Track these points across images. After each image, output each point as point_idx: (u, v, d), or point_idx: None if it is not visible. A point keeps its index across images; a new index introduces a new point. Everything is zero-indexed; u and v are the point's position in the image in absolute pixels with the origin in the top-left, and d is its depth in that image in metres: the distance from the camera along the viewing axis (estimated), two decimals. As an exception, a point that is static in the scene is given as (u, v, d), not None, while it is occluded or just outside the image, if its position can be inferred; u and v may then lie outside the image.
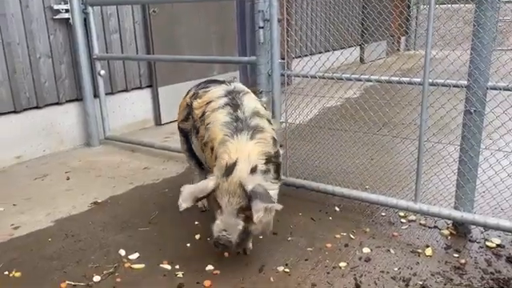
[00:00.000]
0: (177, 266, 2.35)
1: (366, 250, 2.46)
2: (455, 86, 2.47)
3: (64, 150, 4.34)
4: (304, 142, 3.57)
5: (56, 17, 4.11)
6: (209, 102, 2.50)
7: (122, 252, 2.50)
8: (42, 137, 4.19)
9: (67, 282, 2.23)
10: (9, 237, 2.72)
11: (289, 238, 2.62)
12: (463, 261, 2.34)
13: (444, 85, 2.49)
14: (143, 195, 3.30)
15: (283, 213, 2.88)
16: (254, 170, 2.13)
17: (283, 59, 3.08)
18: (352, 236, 2.62)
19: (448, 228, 2.65)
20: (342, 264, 2.34)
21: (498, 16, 2.32)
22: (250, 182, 2.08)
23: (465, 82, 2.41)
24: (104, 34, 4.55)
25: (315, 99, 3.14)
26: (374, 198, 2.79)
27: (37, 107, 4.11)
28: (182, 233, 2.68)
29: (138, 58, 4.98)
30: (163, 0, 4.86)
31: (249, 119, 2.30)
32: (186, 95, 2.84)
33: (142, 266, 2.37)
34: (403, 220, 2.79)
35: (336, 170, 3.37)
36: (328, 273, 2.28)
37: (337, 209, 2.96)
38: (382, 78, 2.69)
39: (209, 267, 2.33)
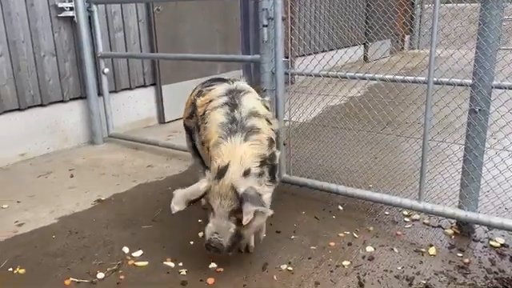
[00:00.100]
0: (180, 264, 2.36)
1: (370, 249, 2.46)
2: (460, 85, 2.46)
3: (68, 148, 4.36)
4: (308, 141, 3.57)
5: (60, 15, 4.13)
6: (210, 101, 2.50)
7: (126, 249, 2.51)
8: (46, 134, 4.20)
9: (71, 279, 2.24)
10: (13, 234, 2.73)
11: (292, 237, 2.62)
12: (467, 260, 2.33)
13: (449, 83, 2.48)
14: (147, 193, 3.30)
15: (286, 211, 2.90)
16: (247, 173, 2.12)
17: (287, 58, 3.08)
18: (355, 235, 2.61)
19: (452, 227, 2.64)
20: (346, 263, 2.34)
21: (504, 15, 2.31)
22: (242, 185, 2.07)
23: (469, 81, 2.40)
24: (108, 33, 4.56)
25: (319, 98, 3.14)
26: (378, 197, 2.78)
27: (41, 105, 4.12)
28: (186, 230, 2.68)
29: (142, 57, 4.98)
30: (167, -2, 4.87)
31: (245, 120, 2.27)
32: (192, 93, 2.84)
33: (146, 264, 2.38)
34: (407, 219, 2.78)
35: (340, 169, 3.37)
36: (331, 271, 2.28)
37: (340, 207, 2.95)
38: (387, 77, 2.68)
39: (212, 265, 2.33)
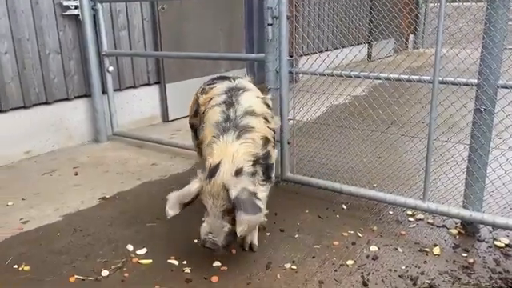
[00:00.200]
0: (184, 262, 2.36)
1: (374, 249, 2.46)
2: (465, 85, 2.45)
3: (72, 146, 4.37)
4: (312, 140, 3.56)
5: (65, 13, 4.14)
6: (211, 99, 2.50)
7: (130, 247, 2.52)
8: (51, 132, 4.22)
9: (76, 276, 2.25)
10: (18, 231, 2.74)
11: (296, 236, 2.62)
12: (471, 260, 2.33)
13: (454, 83, 2.47)
14: (151, 191, 3.31)
15: (290, 210, 2.91)
16: (239, 172, 2.09)
17: (291, 56, 3.08)
18: (359, 234, 2.61)
19: (456, 227, 2.64)
20: (350, 262, 2.34)
21: (510, 14, 2.29)
22: (234, 186, 2.04)
23: (475, 81, 2.39)
24: (113, 31, 4.57)
25: (323, 97, 3.13)
26: (382, 197, 2.78)
27: (46, 103, 4.14)
28: (190, 229, 2.68)
29: (147, 55, 4.99)
30: (172, -3, 4.87)
31: (239, 118, 2.26)
32: (197, 91, 2.85)
33: (150, 261, 2.39)
34: (411, 219, 2.78)
35: (343, 168, 3.36)
36: (335, 270, 2.28)
37: (344, 207, 2.95)
38: (392, 76, 2.67)
39: (216, 263, 2.33)
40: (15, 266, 2.35)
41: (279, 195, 3.14)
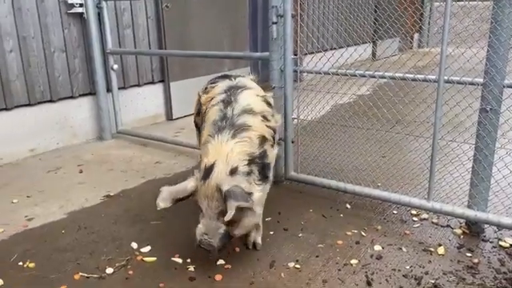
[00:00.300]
0: (188, 260, 2.36)
1: (378, 248, 2.45)
2: (471, 84, 2.44)
3: (77, 144, 4.39)
4: (316, 139, 3.56)
5: (70, 11, 4.15)
6: (212, 98, 2.50)
7: (134, 245, 2.52)
8: (56, 130, 4.24)
9: (80, 274, 2.26)
10: (23, 228, 2.76)
11: (300, 235, 2.62)
12: (476, 260, 2.32)
13: (460, 82, 2.46)
14: (155, 189, 3.26)
15: (294, 209, 2.90)
16: (234, 171, 2.08)
17: (295, 55, 3.07)
18: (363, 233, 2.61)
19: (461, 227, 2.63)
20: (354, 261, 2.33)
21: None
22: (227, 184, 2.04)
23: (481, 80, 2.37)
24: (117, 29, 4.58)
25: (328, 96, 3.13)
26: (386, 196, 2.77)
27: (51, 101, 4.15)
28: (194, 227, 2.68)
29: (151, 53, 5.00)
30: (176, -5, 4.87)
31: (235, 117, 2.24)
32: (200, 90, 2.85)
33: (154, 259, 2.39)
34: (415, 218, 2.77)
35: (348, 167, 3.36)
36: (339, 270, 2.28)
37: (348, 206, 2.95)
38: (397, 75, 2.66)
39: (220, 261, 2.33)
40: (20, 263, 2.36)
41: (283, 194, 3.14)
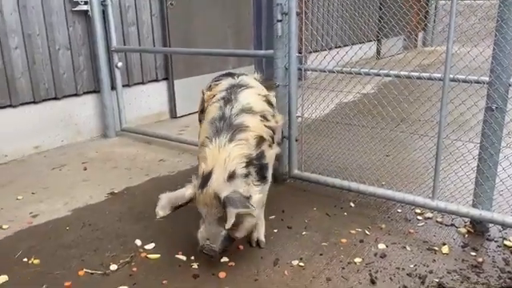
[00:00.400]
0: (192, 258, 2.37)
1: (382, 246, 2.45)
2: (477, 82, 2.43)
3: (81, 141, 4.40)
4: (320, 137, 3.55)
5: (75, 9, 4.16)
6: (214, 96, 2.50)
7: (138, 242, 2.53)
8: (60, 127, 4.25)
9: (85, 270, 2.27)
10: (28, 225, 2.77)
11: (303, 233, 2.62)
12: (480, 259, 2.31)
13: (465, 81, 2.44)
14: (159, 187, 3.32)
15: (298, 207, 2.90)
16: (232, 176, 2.09)
17: (300, 53, 3.07)
18: (367, 232, 2.60)
19: (465, 226, 2.62)
20: (357, 259, 2.33)
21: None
22: (225, 191, 2.04)
23: (486, 79, 2.36)
24: (122, 27, 4.58)
25: (332, 94, 3.12)
26: (391, 195, 2.77)
27: (55, 98, 4.17)
28: (198, 225, 2.68)
29: (155, 51, 5.00)
30: (180, -7, 4.87)
31: (234, 117, 2.23)
32: (205, 87, 2.85)
33: (158, 257, 2.40)
34: (419, 217, 2.76)
35: (352, 166, 3.35)
36: (343, 268, 2.27)
37: (352, 204, 2.94)
38: (402, 73, 2.65)
39: (224, 259, 2.34)
40: (25, 259, 2.38)
41: (287, 192, 3.14)
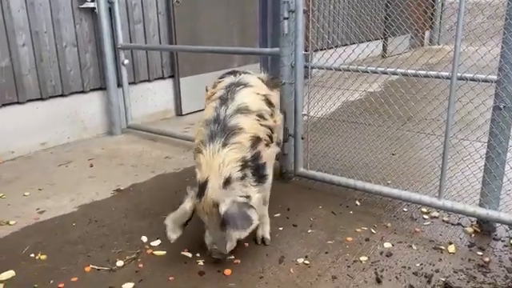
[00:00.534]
0: (197, 254, 2.37)
1: (388, 245, 2.44)
2: (484, 81, 2.41)
3: (87, 138, 4.42)
4: (326, 135, 3.54)
5: (82, 6, 4.17)
6: (214, 94, 2.50)
7: (144, 238, 2.54)
8: (67, 124, 4.27)
9: (91, 266, 2.28)
10: (34, 220, 2.79)
11: (309, 231, 2.61)
12: (487, 259, 2.30)
13: (473, 79, 2.43)
14: (165, 184, 3.34)
15: (303, 205, 2.90)
16: (228, 182, 2.09)
17: (306, 51, 3.06)
18: (373, 230, 2.60)
19: (472, 225, 2.61)
20: (363, 258, 2.33)
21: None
22: (223, 200, 2.04)
23: (494, 77, 2.35)
24: (128, 24, 4.59)
25: (338, 92, 3.11)
26: (397, 193, 2.76)
27: (62, 95, 4.18)
28: (203, 222, 2.70)
29: (161, 48, 5.01)
30: (187, -10, 4.87)
31: (228, 118, 2.22)
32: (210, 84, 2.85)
33: (164, 253, 2.41)
34: (425, 216, 2.75)
35: (358, 164, 3.34)
36: (348, 266, 2.27)
37: (357, 203, 2.93)
38: (409, 71, 2.64)
39: (229, 256, 2.34)
40: (32, 255, 2.39)
41: (292, 190, 3.14)
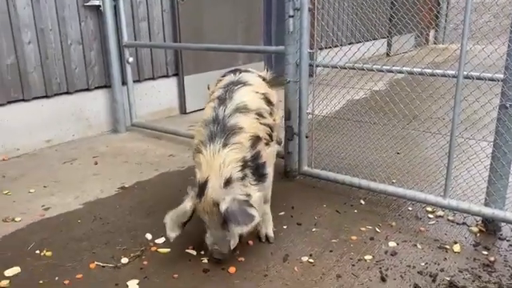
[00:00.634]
0: (202, 252, 2.37)
1: (392, 244, 2.44)
2: (491, 80, 2.40)
3: (92, 136, 4.43)
4: (330, 134, 3.54)
5: (87, 4, 4.18)
6: (213, 92, 2.51)
7: (149, 236, 2.54)
8: (72, 122, 4.28)
9: (96, 263, 2.29)
10: (40, 217, 2.80)
11: (313, 229, 2.61)
12: (492, 258, 2.29)
13: (479, 78, 2.41)
14: (169, 181, 3.34)
15: (307, 204, 2.90)
16: (229, 182, 2.09)
17: (311, 49, 3.05)
18: (378, 229, 2.59)
19: (477, 225, 2.60)
20: (368, 257, 2.32)
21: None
22: (224, 199, 2.04)
23: (501, 76, 2.33)
24: (133, 22, 4.60)
25: (343, 90, 3.10)
26: (402, 192, 2.75)
27: (67, 93, 4.20)
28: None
29: (166, 46, 5.01)
30: (191, -11, 4.87)
31: (227, 118, 2.22)
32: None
33: (168, 251, 2.41)
34: (430, 215, 2.74)
35: (362, 163, 3.34)
36: (353, 265, 2.27)
37: (362, 202, 2.93)
38: (415, 70, 2.63)
39: (234, 252, 2.34)
40: (37, 251, 2.40)
41: (296, 189, 3.14)
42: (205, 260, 2.32)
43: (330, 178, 3.07)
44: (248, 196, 2.13)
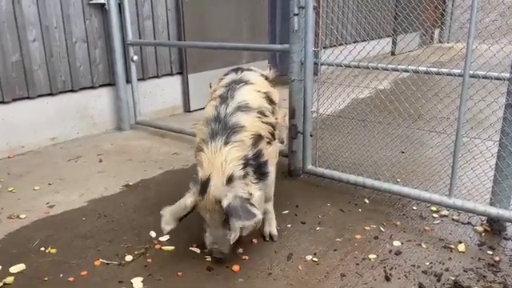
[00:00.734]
0: (206, 250, 2.37)
1: (397, 243, 2.43)
2: (497, 79, 2.38)
3: (96, 133, 4.45)
4: (335, 133, 3.53)
5: (92, 2, 4.19)
6: (215, 91, 2.50)
7: (153, 234, 2.55)
8: (76, 119, 4.30)
9: (101, 260, 2.30)
10: (44, 215, 2.81)
11: (317, 228, 2.61)
12: (497, 258, 2.28)
13: (485, 77, 2.40)
14: (173, 179, 3.34)
15: (311, 203, 2.90)
16: (231, 179, 2.09)
17: (316, 47, 3.04)
18: (382, 229, 2.58)
19: (482, 224, 2.59)
20: (372, 256, 2.32)
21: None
22: (226, 196, 2.04)
23: (507, 75, 2.32)
24: (137, 20, 4.60)
25: (348, 89, 3.10)
26: (406, 192, 2.74)
27: (72, 90, 4.21)
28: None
29: (170, 44, 5.02)
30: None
31: (228, 116, 2.22)
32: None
33: (172, 249, 2.42)
34: (435, 215, 2.73)
35: (367, 162, 3.33)
36: (357, 264, 2.26)
37: (366, 201, 2.92)
38: (420, 69, 2.62)
39: (238, 250, 2.34)
40: (42, 249, 2.41)
41: (300, 188, 3.14)
42: (209, 258, 2.31)
43: (335, 177, 3.06)
44: (250, 195, 2.13)
